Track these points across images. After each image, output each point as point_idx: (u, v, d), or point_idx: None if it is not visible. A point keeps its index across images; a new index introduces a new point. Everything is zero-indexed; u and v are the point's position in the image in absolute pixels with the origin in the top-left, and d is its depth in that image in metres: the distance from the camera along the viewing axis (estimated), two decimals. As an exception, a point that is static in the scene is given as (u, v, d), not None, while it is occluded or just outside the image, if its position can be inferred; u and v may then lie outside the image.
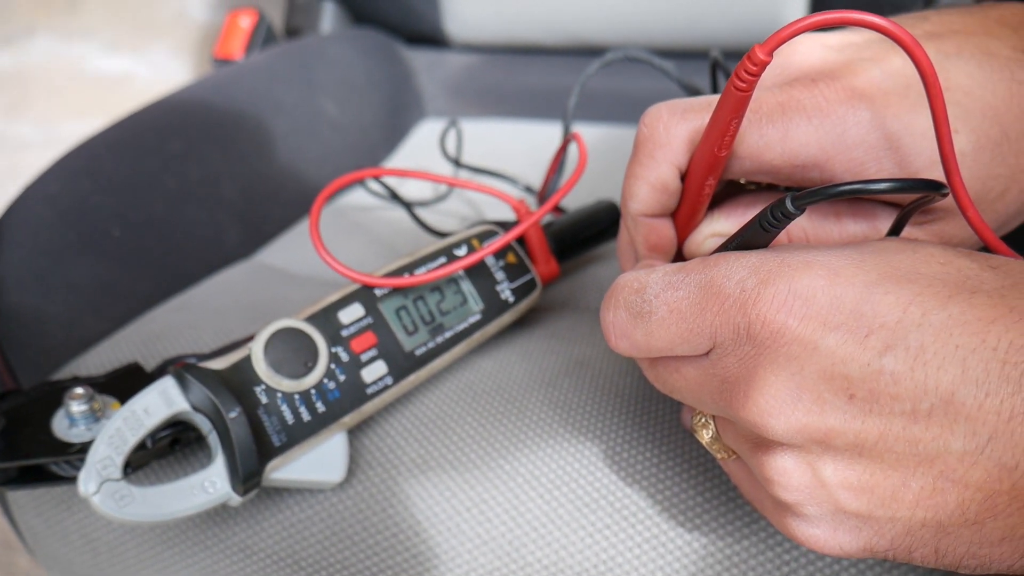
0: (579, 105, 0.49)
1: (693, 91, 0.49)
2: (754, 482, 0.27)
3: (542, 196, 0.51)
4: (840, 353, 0.21)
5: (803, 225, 0.29)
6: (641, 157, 0.30)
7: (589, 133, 0.81)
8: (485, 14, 0.86)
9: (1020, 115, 0.26)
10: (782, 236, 0.27)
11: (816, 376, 0.21)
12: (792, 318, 0.21)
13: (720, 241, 0.28)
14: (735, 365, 0.23)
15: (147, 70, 1.72)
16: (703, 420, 0.27)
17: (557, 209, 0.47)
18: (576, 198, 0.50)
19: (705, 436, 0.27)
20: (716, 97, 0.27)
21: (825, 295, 0.21)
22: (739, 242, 0.25)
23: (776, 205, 0.23)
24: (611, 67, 0.51)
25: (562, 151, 0.46)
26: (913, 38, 0.22)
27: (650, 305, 0.25)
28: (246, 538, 0.36)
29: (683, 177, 0.30)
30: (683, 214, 0.31)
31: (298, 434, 0.33)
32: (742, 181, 0.31)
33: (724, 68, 0.41)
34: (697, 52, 0.84)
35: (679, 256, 0.32)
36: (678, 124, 0.29)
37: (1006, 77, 0.26)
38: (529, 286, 0.40)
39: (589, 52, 0.86)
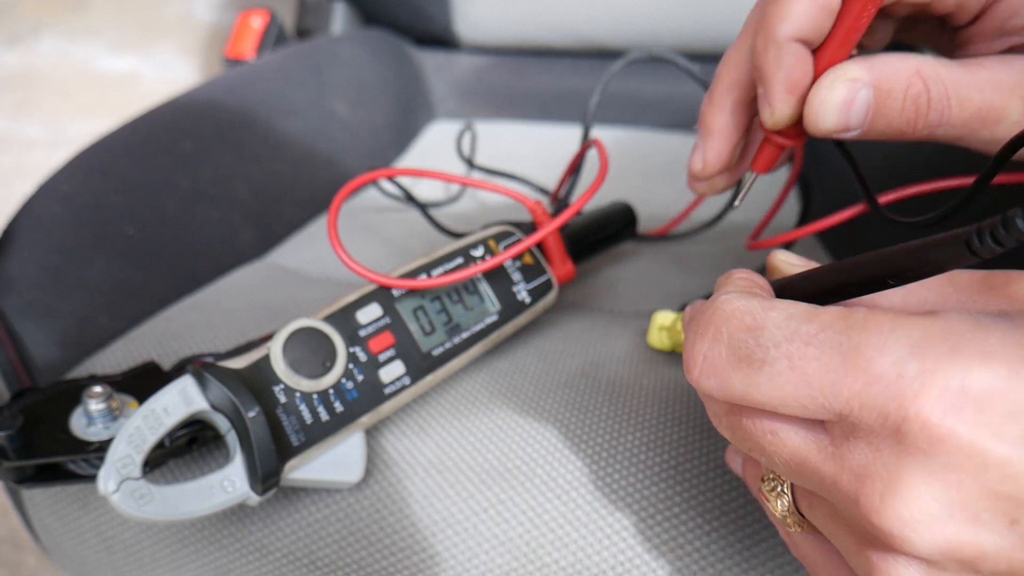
0: (586, 106, 0.49)
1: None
2: (836, 565, 0.23)
3: (555, 198, 0.51)
4: (1012, 471, 0.18)
5: None
6: None
7: (602, 135, 0.81)
8: (495, 16, 0.86)
9: None
10: None
11: (977, 493, 0.18)
12: (961, 424, 0.18)
13: (853, 87, 0.26)
14: (869, 456, 0.19)
15: (153, 70, 1.72)
16: (777, 488, 0.23)
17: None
18: (591, 200, 0.50)
19: (778, 507, 0.23)
20: None
21: (1004, 400, 0.18)
22: (915, 258, 0.20)
23: (1008, 223, 0.16)
24: (625, 69, 0.51)
25: (581, 155, 0.46)
26: None
27: (766, 353, 0.20)
28: (262, 537, 0.36)
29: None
30: (829, 49, 0.27)
31: (316, 434, 0.33)
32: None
33: None
34: (707, 55, 0.84)
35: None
36: None
37: None
38: (545, 287, 0.40)
39: (598, 54, 0.86)
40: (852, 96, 0.27)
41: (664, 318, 0.41)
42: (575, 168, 0.45)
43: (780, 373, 0.20)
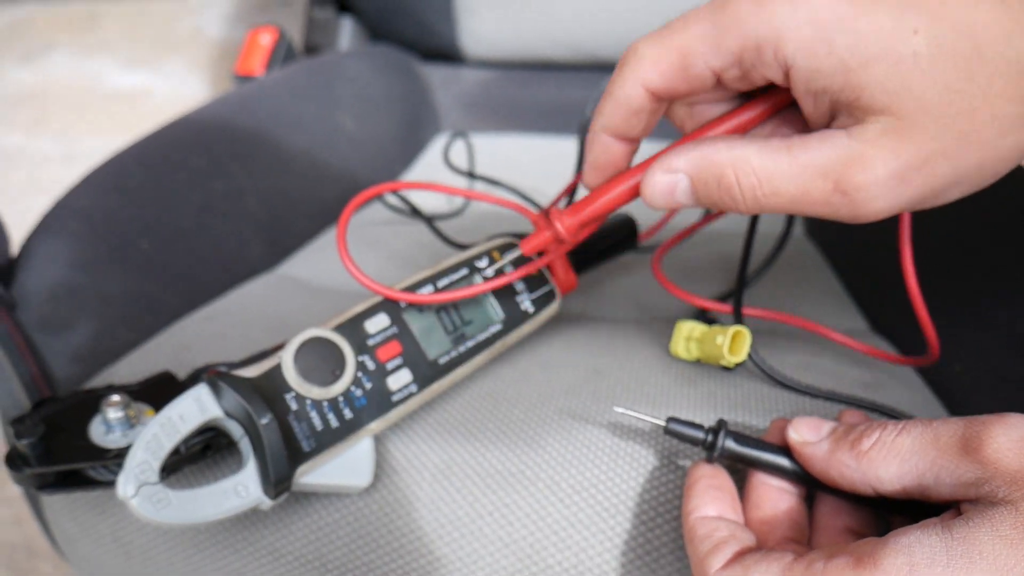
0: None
1: None
2: None
3: (552, 206, 0.51)
4: None
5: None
6: (614, 75, 0.31)
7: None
8: (500, 31, 0.87)
9: (1002, 37, 0.25)
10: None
11: None
12: None
13: (672, 177, 0.30)
14: None
15: (164, 85, 1.74)
16: None
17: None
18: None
19: None
20: (693, 16, 0.29)
21: None
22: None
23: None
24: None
25: (580, 177, 0.46)
26: None
27: None
28: (274, 541, 0.37)
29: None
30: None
31: (327, 440, 0.34)
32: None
33: None
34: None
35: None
36: (648, 44, 0.30)
37: None
38: (548, 297, 0.41)
39: (602, 68, 0.87)
40: (673, 184, 0.30)
41: (692, 328, 0.42)
42: (572, 190, 0.46)
43: None
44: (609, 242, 0.49)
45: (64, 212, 0.51)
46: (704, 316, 0.45)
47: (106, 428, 0.36)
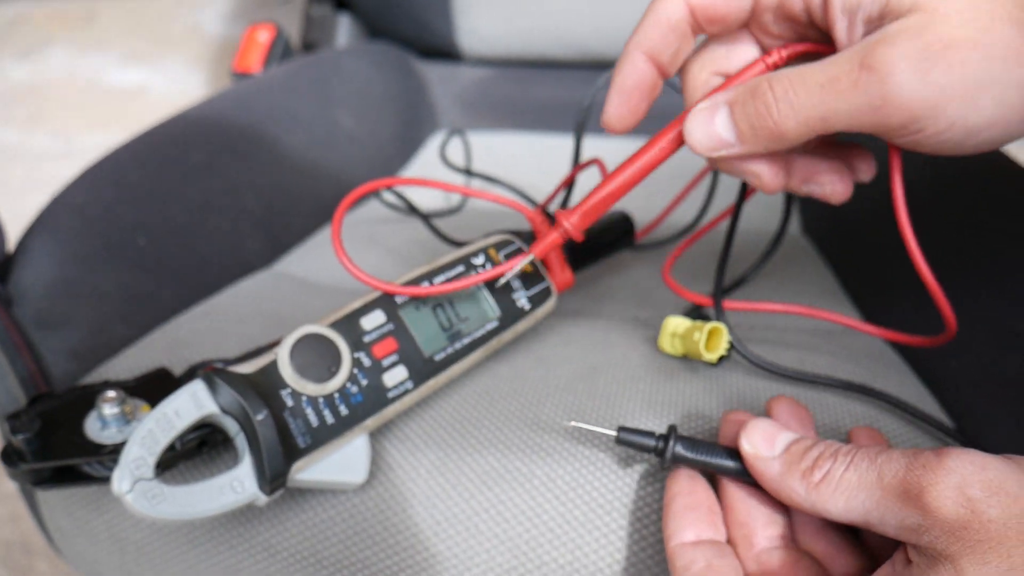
0: (588, 117, 0.50)
1: None
2: None
3: (543, 210, 0.51)
4: None
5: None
6: None
7: (602, 145, 0.83)
8: (497, 28, 0.87)
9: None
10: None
11: None
12: None
13: (712, 108, 0.31)
14: None
15: (162, 82, 1.74)
16: None
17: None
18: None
19: None
20: None
21: None
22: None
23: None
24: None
25: (575, 174, 0.47)
26: None
27: None
28: (270, 537, 0.37)
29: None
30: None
31: (322, 436, 0.34)
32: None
33: None
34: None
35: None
36: None
37: None
38: (545, 294, 0.42)
39: (599, 66, 0.87)
40: (712, 114, 0.31)
41: (676, 325, 0.42)
42: (569, 183, 0.46)
43: None
44: (606, 240, 0.49)
45: (61, 208, 0.51)
46: (697, 313, 0.45)
47: (102, 424, 0.36)
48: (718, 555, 0.30)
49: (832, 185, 0.33)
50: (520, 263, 0.38)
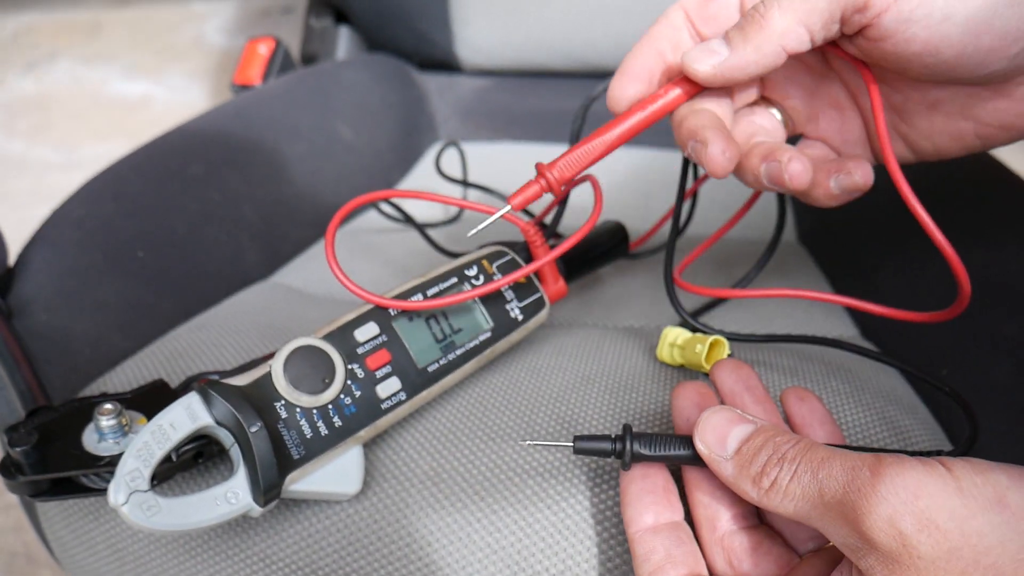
0: (584, 127, 0.50)
1: None
2: None
3: (540, 221, 0.52)
4: None
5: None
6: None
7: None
8: (495, 40, 0.88)
9: None
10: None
11: None
12: None
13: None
14: None
15: (166, 93, 1.76)
16: None
17: (556, 235, 0.48)
18: (585, 219, 0.52)
19: None
20: None
21: None
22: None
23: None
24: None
25: (572, 186, 0.47)
26: None
27: None
28: (265, 548, 0.38)
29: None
30: None
31: (316, 447, 0.34)
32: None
33: None
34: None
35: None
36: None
37: None
38: (538, 305, 0.42)
39: (596, 76, 0.88)
40: (707, 43, 0.34)
41: (675, 335, 0.43)
42: (563, 199, 0.46)
43: None
44: (599, 249, 0.50)
45: (61, 221, 0.52)
46: (691, 324, 0.46)
47: (99, 436, 0.36)
48: (677, 543, 0.30)
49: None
50: (493, 217, 0.37)
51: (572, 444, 0.33)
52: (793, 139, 0.40)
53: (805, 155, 0.35)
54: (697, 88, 0.35)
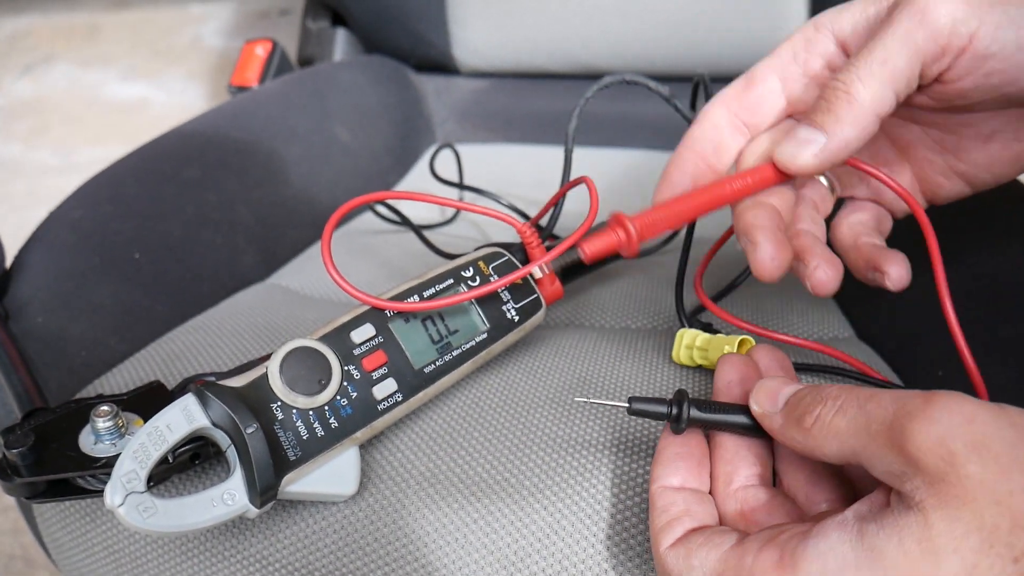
0: (581, 130, 0.51)
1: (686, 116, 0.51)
2: None
3: (535, 222, 0.52)
4: None
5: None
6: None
7: (595, 156, 0.83)
8: (492, 41, 0.88)
9: None
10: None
11: None
12: None
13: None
14: None
15: (163, 96, 1.76)
16: None
17: (553, 236, 0.49)
18: (581, 221, 0.52)
19: None
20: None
21: None
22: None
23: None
24: (612, 92, 0.53)
25: (567, 188, 0.47)
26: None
27: None
28: (262, 549, 0.38)
29: None
30: None
31: (312, 449, 0.35)
32: None
33: (707, 90, 0.44)
34: (685, 75, 0.86)
35: None
36: (803, 26, 0.35)
37: None
38: (534, 306, 0.42)
39: (593, 77, 0.88)
40: (794, 131, 0.34)
41: (692, 337, 0.43)
42: (556, 201, 0.46)
43: None
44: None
45: (57, 224, 0.52)
46: (704, 324, 0.46)
47: (95, 438, 0.36)
48: (697, 502, 0.31)
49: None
50: (552, 255, 0.38)
51: (627, 405, 0.33)
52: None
53: (851, 221, 0.37)
54: (786, 177, 0.35)
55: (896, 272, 0.36)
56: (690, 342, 0.43)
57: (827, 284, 0.34)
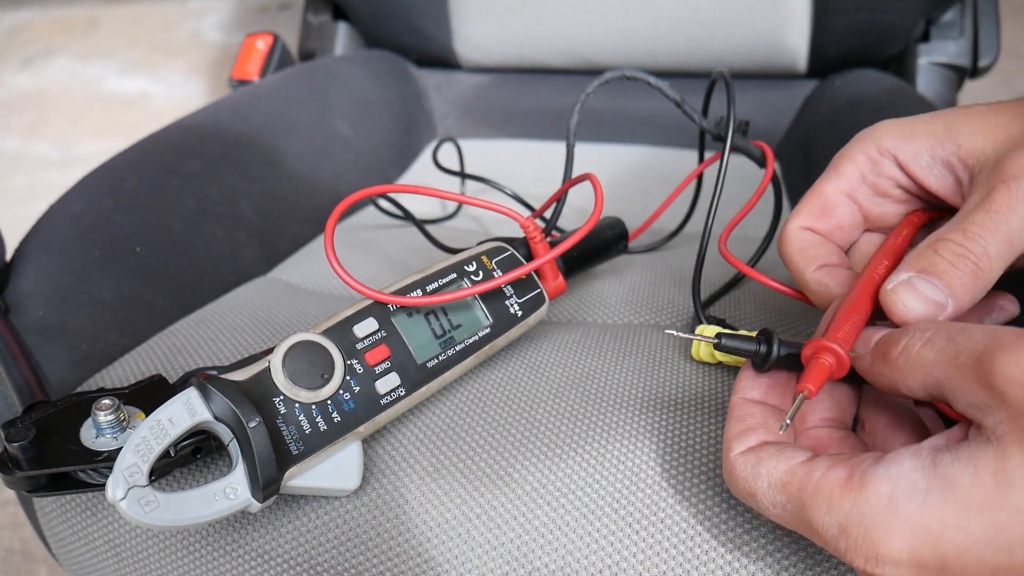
0: (583, 125, 0.51)
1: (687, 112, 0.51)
2: None
3: (538, 216, 0.52)
4: None
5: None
6: (828, 167, 0.36)
7: (598, 152, 0.83)
8: (494, 36, 0.88)
9: None
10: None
11: None
12: (887, 573, 0.25)
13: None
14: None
15: (163, 90, 1.75)
16: None
17: (557, 230, 0.48)
18: (583, 216, 0.52)
19: None
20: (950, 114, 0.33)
21: (912, 557, 0.24)
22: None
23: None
24: (614, 88, 0.53)
25: (571, 184, 0.47)
26: None
27: (763, 512, 0.29)
28: (264, 543, 0.37)
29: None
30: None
31: (315, 443, 0.34)
32: None
33: (729, 87, 0.43)
34: (698, 73, 0.86)
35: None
36: (863, 144, 0.36)
37: None
38: (537, 301, 0.42)
39: (595, 72, 0.87)
40: (914, 287, 0.32)
41: (712, 333, 0.42)
42: (561, 196, 0.46)
43: (777, 521, 0.29)
44: (598, 247, 0.50)
45: (58, 217, 0.52)
46: (719, 321, 0.45)
47: (97, 431, 0.36)
48: (775, 418, 0.32)
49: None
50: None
51: (717, 340, 0.33)
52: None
53: None
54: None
55: (1012, 304, 0.36)
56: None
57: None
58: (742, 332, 0.41)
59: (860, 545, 0.25)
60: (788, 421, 0.30)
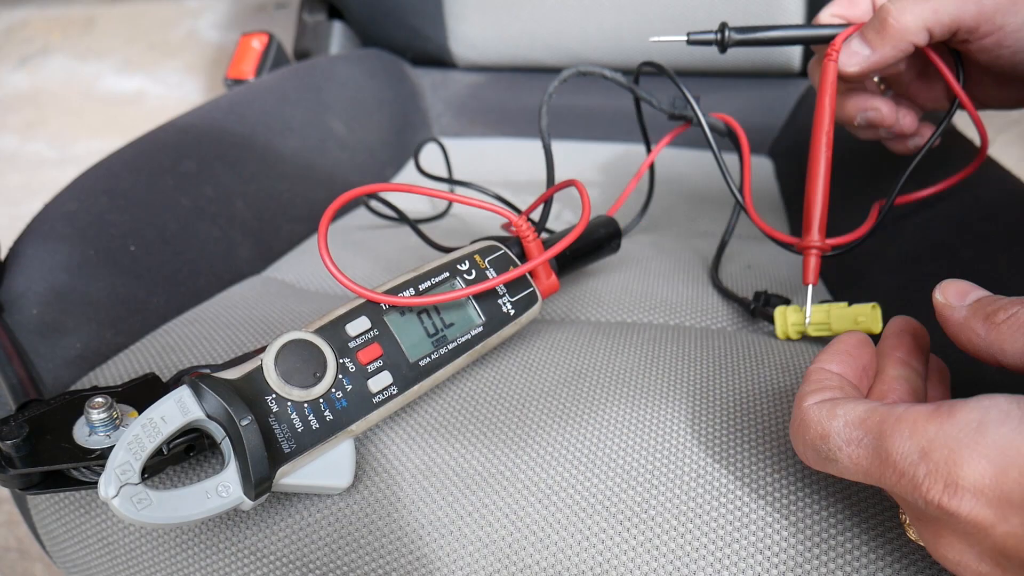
0: (577, 124, 0.51)
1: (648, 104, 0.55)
2: None
3: (527, 214, 0.52)
4: (1011, 540, 0.23)
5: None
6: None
7: (590, 150, 0.83)
8: (489, 36, 0.88)
9: None
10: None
11: (992, 549, 0.24)
12: (964, 506, 0.24)
13: None
14: (919, 514, 0.27)
15: (159, 89, 1.75)
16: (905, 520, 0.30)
17: (547, 231, 0.49)
18: (573, 216, 0.52)
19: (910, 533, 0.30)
20: None
21: (995, 483, 0.23)
22: None
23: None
24: (609, 87, 0.53)
25: (555, 190, 0.47)
26: None
27: (834, 455, 0.28)
28: (256, 541, 0.38)
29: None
30: None
31: (307, 441, 0.35)
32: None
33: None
34: (689, 72, 0.86)
35: None
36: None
37: None
38: (530, 300, 0.42)
39: (591, 72, 0.88)
40: (849, 43, 0.45)
41: (792, 315, 0.46)
42: (546, 199, 0.47)
43: (847, 467, 0.28)
44: (591, 246, 0.50)
45: (53, 216, 0.52)
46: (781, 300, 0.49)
47: (90, 429, 0.36)
48: (852, 389, 0.31)
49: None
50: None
51: (686, 39, 0.47)
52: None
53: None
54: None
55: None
56: (794, 320, 0.46)
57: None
58: None
59: (941, 468, 0.24)
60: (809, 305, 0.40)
